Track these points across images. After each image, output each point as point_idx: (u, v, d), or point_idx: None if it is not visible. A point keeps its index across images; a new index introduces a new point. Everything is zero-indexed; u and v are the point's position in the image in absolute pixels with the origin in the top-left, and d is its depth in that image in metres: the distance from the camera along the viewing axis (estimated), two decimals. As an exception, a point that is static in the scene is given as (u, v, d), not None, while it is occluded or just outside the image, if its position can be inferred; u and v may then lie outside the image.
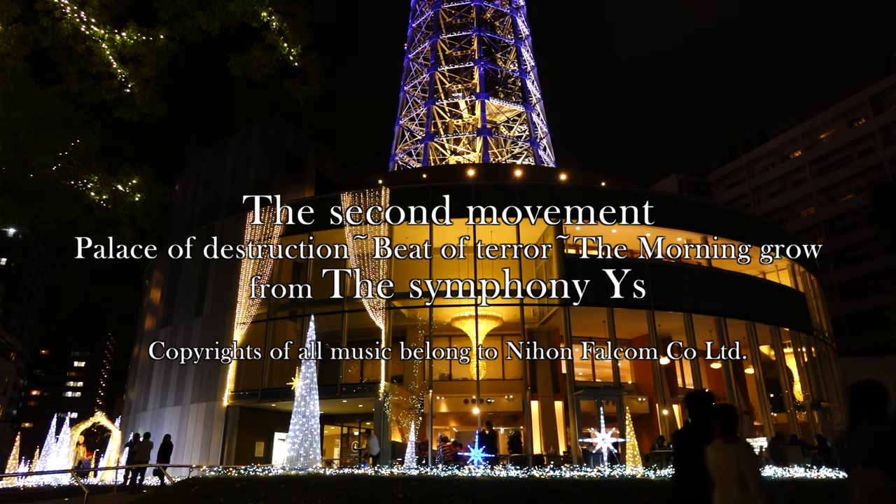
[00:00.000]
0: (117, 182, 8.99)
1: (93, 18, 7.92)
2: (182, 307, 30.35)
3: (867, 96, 60.23)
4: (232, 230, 28.56)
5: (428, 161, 48.16)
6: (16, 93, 7.81)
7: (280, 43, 8.31)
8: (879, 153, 58.32)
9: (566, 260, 25.40)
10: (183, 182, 37.67)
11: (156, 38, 8.24)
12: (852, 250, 59.60)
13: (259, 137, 33.16)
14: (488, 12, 52.77)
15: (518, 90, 51.00)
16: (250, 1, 8.00)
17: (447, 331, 27.54)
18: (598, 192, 29.26)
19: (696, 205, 33.35)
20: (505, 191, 27.23)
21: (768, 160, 70.03)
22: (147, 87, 8.44)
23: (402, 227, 26.05)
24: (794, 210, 65.62)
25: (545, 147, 50.65)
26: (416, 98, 51.95)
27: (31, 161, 8.33)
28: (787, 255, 31.26)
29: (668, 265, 29.76)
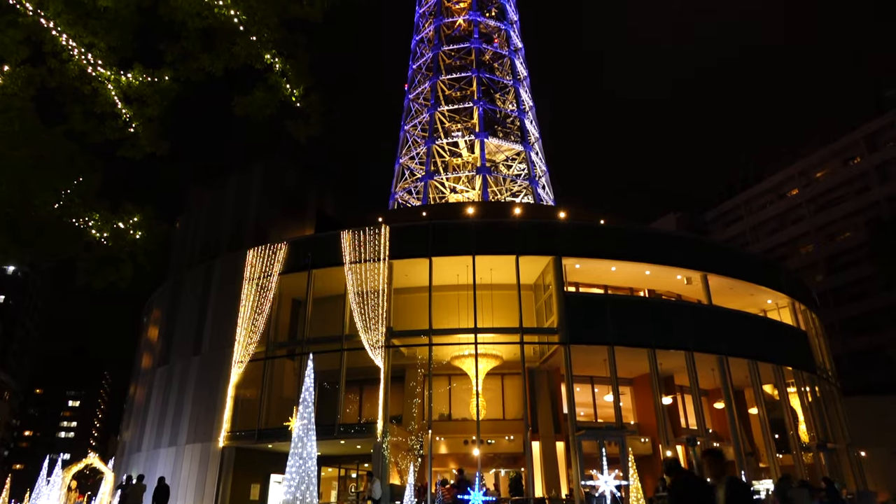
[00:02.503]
0: (118, 220, 9.02)
1: (100, 60, 8.07)
2: (179, 345, 30.10)
3: (861, 135, 61.09)
4: (231, 268, 28.54)
5: (428, 199, 48.49)
6: (21, 132, 7.90)
7: (283, 84, 8.45)
8: (876, 191, 58.83)
9: (566, 298, 25.32)
10: (183, 219, 37.84)
11: (160, 79, 8.38)
12: (852, 287, 59.53)
13: (260, 176, 33.45)
14: (487, 54, 53.87)
15: (517, 129, 51.69)
16: (254, 44, 8.17)
17: (447, 370, 27.27)
18: (597, 229, 29.39)
19: (694, 242, 33.45)
20: (504, 229, 27.34)
21: (765, 198, 70.57)
22: (151, 126, 8.55)
23: (401, 265, 26.04)
24: (794, 247, 65.81)
25: (544, 185, 51.07)
26: (416, 137, 52.62)
27: (33, 199, 8.37)
28: (787, 292, 31.21)
29: (668, 303, 29.71)
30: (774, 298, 31.63)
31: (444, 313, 25.90)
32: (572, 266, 26.86)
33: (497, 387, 28.16)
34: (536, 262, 26.57)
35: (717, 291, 28.04)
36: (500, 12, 56.14)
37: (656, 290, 30.95)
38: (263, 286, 26.78)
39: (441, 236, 26.37)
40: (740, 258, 33.61)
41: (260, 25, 8.10)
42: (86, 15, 7.80)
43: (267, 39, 8.20)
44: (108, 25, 7.89)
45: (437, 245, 25.97)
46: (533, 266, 26.71)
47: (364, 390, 28.24)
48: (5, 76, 7.69)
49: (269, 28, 8.16)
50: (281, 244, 27.49)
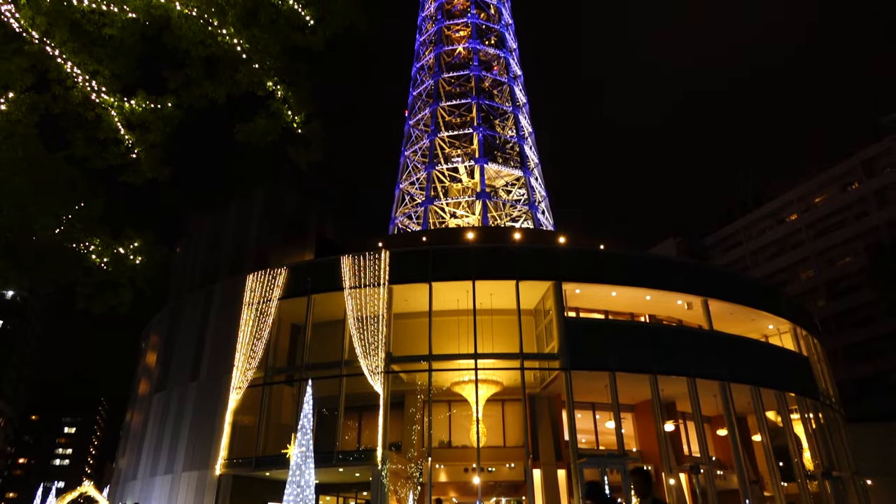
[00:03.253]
0: (119, 245, 9.03)
1: (103, 87, 8.16)
2: (177, 371, 29.89)
3: (859, 161, 61.50)
4: (231, 292, 28.48)
5: (428, 224, 48.62)
6: (23, 158, 7.95)
7: (284, 111, 8.53)
8: (874, 216, 59.01)
9: (566, 323, 25.22)
10: (184, 244, 37.88)
11: (163, 105, 8.46)
12: (854, 313, 59.32)
13: (260, 201, 33.57)
14: (487, 81, 54.51)
15: (516, 155, 52.06)
16: (256, 71, 8.27)
17: (447, 396, 27.03)
18: (597, 254, 29.39)
19: (694, 268, 33.43)
20: (504, 254, 27.35)
21: (765, 223, 70.75)
22: (153, 152, 8.61)
23: (401, 290, 25.99)
24: (794, 272, 65.77)
25: (543, 210, 51.26)
26: (416, 163, 52.96)
27: (33, 224, 8.39)
28: (789, 318, 31.09)
29: (669, 328, 29.59)
30: (776, 324, 31.51)
31: (443, 339, 25.77)
32: (572, 291, 26.80)
33: (497, 413, 27.88)
34: (536, 288, 26.51)
35: (717, 316, 27.94)
36: (500, 40, 56.95)
37: (657, 315, 30.84)
38: (263, 311, 26.69)
39: (441, 261, 26.36)
40: (741, 283, 33.54)
41: (262, 53, 8.21)
42: (91, 43, 7.91)
43: (269, 67, 8.31)
44: (112, 53, 8.00)
45: (437, 270, 25.95)
46: (533, 291, 26.66)
47: (363, 417, 27.95)
48: (10, 103, 7.77)
49: (271, 56, 8.27)
50: (281, 269, 27.48)
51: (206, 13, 7.88)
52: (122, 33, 7.86)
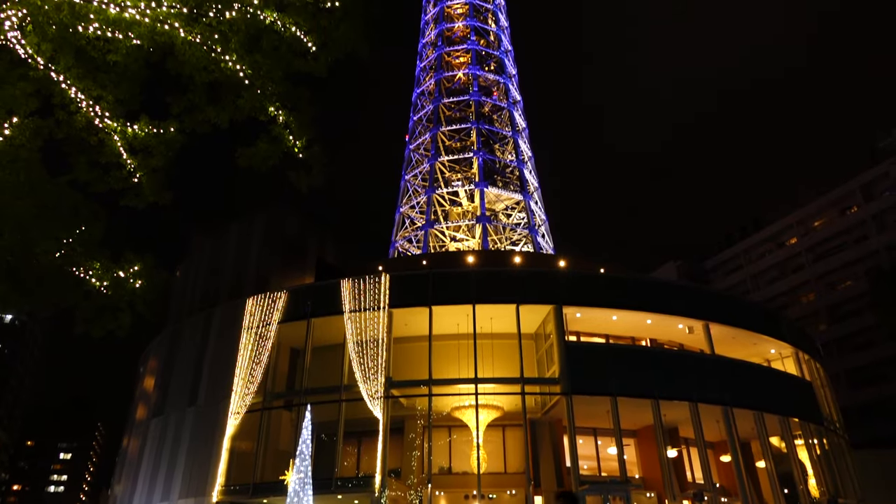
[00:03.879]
0: (119, 269, 9.02)
1: (107, 112, 8.24)
2: (175, 396, 29.64)
3: (857, 185, 61.76)
4: (230, 316, 28.38)
5: (428, 248, 48.67)
6: (26, 182, 7.98)
7: (286, 136, 8.61)
8: (874, 240, 59.05)
9: (567, 347, 25.08)
10: (184, 267, 37.87)
11: (166, 130, 8.54)
12: (855, 337, 59.02)
13: (261, 224, 33.66)
14: (486, 106, 55.05)
15: (516, 179, 52.34)
16: (259, 97, 8.36)
17: (447, 421, 26.76)
18: (597, 278, 29.37)
19: (695, 292, 33.37)
20: (505, 277, 27.33)
21: (764, 247, 70.80)
22: (154, 176, 8.66)
23: (401, 314, 25.91)
24: (795, 296, 65.62)
25: (543, 234, 51.35)
26: (416, 187, 53.21)
27: (34, 248, 8.39)
28: (790, 342, 30.93)
29: (670, 353, 29.43)
30: (778, 348, 31.35)
31: (443, 363, 25.61)
32: (573, 315, 26.71)
33: (498, 439, 27.57)
34: (537, 312, 26.43)
35: (719, 341, 27.80)
36: (499, 66, 57.66)
37: (658, 339, 30.70)
38: (262, 335, 26.57)
39: (441, 285, 26.33)
40: (742, 307, 33.43)
41: (265, 79, 8.31)
42: (95, 69, 8.00)
43: (271, 92, 8.40)
44: (116, 79, 8.09)
45: (438, 294, 25.90)
46: (533, 315, 26.57)
47: (362, 442, 27.64)
48: (14, 127, 7.83)
49: (273, 81, 8.36)
50: (280, 293, 27.42)
51: (209, 40, 7.99)
52: (126, 59, 7.96)
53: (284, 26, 8.22)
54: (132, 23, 7.65)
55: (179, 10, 7.76)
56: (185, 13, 7.80)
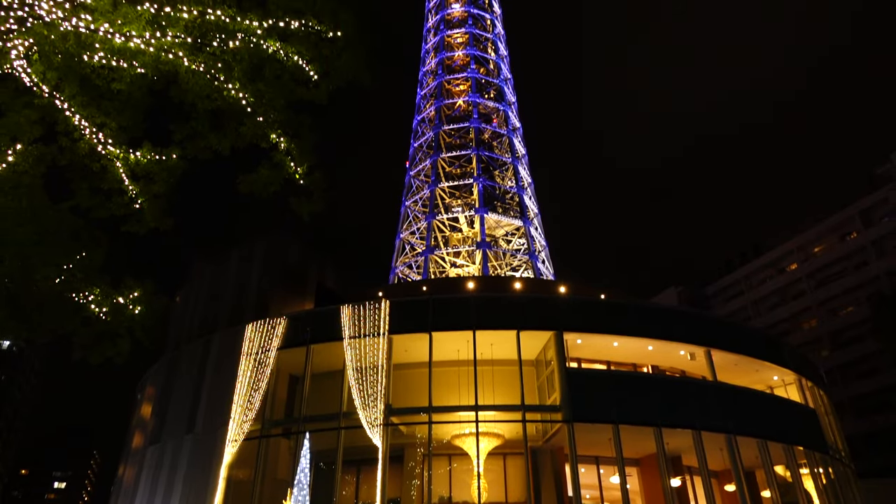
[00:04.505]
0: (118, 295, 9.02)
1: (110, 139, 8.31)
2: (173, 423, 29.32)
3: (856, 210, 62.01)
4: (229, 342, 28.23)
5: (428, 273, 48.64)
6: (28, 208, 8.02)
7: (287, 162, 8.68)
8: (874, 266, 59.05)
9: (568, 374, 24.89)
10: (183, 294, 37.80)
11: (168, 157, 8.61)
12: (859, 364, 58.62)
13: (261, 251, 33.69)
14: (486, 133, 55.56)
15: (516, 205, 52.57)
16: (261, 124, 8.45)
17: (447, 449, 26.42)
18: (598, 304, 29.29)
19: (696, 318, 33.24)
20: (505, 303, 27.23)
21: (765, 273, 70.78)
22: (156, 202, 8.70)
23: (401, 340, 25.77)
24: (796, 322, 65.37)
25: (544, 260, 51.37)
26: (416, 213, 53.42)
27: (34, 274, 8.39)
28: (793, 368, 30.70)
29: (672, 379, 29.19)
30: (780, 375, 31.10)
31: (444, 390, 25.39)
32: (574, 341, 26.57)
33: (499, 468, 27.19)
34: (537, 338, 26.30)
35: (721, 367, 27.61)
36: (499, 94, 58.36)
37: (660, 365, 30.49)
38: (261, 362, 26.41)
39: (441, 311, 26.23)
40: (743, 333, 33.25)
41: (267, 107, 8.41)
42: (99, 96, 8.11)
43: (273, 120, 8.50)
44: (120, 106, 8.19)
45: (438, 320, 25.79)
46: (534, 341, 26.43)
47: (361, 471, 27.25)
48: (17, 154, 7.89)
49: (275, 109, 8.46)
50: (280, 319, 27.32)
51: (212, 68, 8.10)
52: (130, 87, 8.06)
53: (287, 55, 8.34)
54: (137, 52, 7.77)
55: (184, 40, 7.88)
56: (190, 42, 7.92)
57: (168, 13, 7.70)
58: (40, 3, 7.09)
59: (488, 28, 62.55)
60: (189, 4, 7.74)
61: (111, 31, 7.51)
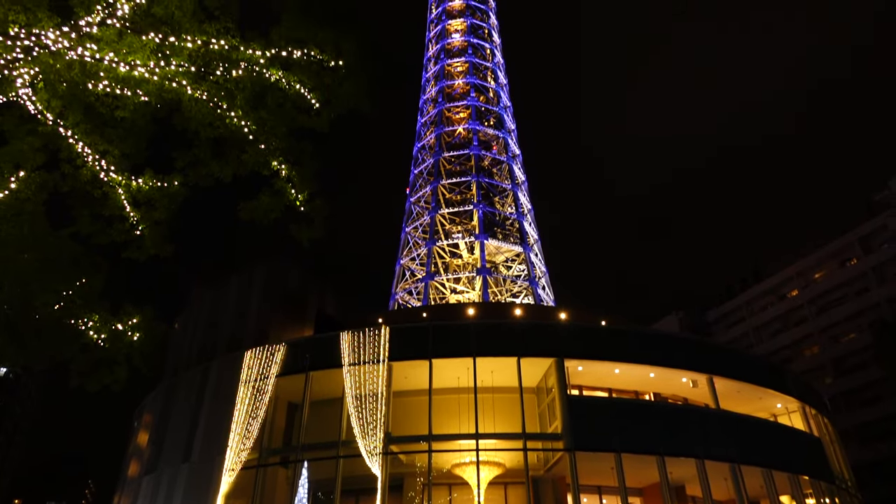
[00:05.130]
0: (117, 321, 8.98)
1: (112, 166, 8.37)
2: (169, 451, 28.94)
3: (856, 237, 62.08)
4: (228, 370, 28.03)
5: (428, 300, 48.53)
6: (29, 235, 8.04)
7: (288, 189, 8.72)
8: (875, 293, 58.90)
9: (569, 402, 24.64)
10: (182, 320, 37.64)
11: (170, 184, 8.66)
12: (863, 391, 58.09)
13: (262, 277, 33.64)
14: (486, 160, 55.97)
15: (516, 231, 52.71)
16: (262, 152, 8.52)
17: (447, 478, 26.03)
18: (598, 331, 29.13)
19: (698, 344, 33.05)
20: (505, 330, 27.11)
21: (766, 299, 70.57)
22: (157, 229, 8.72)
23: (401, 367, 25.58)
24: (798, 349, 64.96)
25: (544, 286, 51.30)
26: (417, 239, 53.53)
27: (34, 300, 8.37)
28: (797, 396, 30.42)
29: (675, 407, 28.92)
30: (784, 402, 30.80)
31: (444, 418, 25.12)
32: (575, 368, 26.38)
33: (500, 497, 26.75)
34: (538, 365, 26.11)
35: (724, 395, 27.35)
36: (499, 121, 58.96)
37: (662, 393, 30.22)
38: (260, 389, 26.18)
39: (441, 337, 26.10)
40: (746, 360, 33.02)
41: (269, 134, 8.49)
42: (103, 124, 8.18)
43: (275, 147, 8.57)
44: (123, 134, 8.26)
45: (438, 346, 25.64)
46: (535, 368, 26.23)
47: (360, 501, 26.79)
48: (20, 181, 7.94)
49: (277, 137, 8.54)
50: (279, 345, 27.16)
51: (216, 97, 8.19)
52: (133, 115, 8.15)
53: (289, 84, 8.44)
54: (141, 80, 7.87)
55: (187, 69, 7.98)
56: (193, 71, 8.03)
57: (172, 43, 7.81)
58: (47, 33, 7.20)
59: (488, 57, 63.46)
60: (193, 34, 7.86)
61: (116, 61, 7.61)
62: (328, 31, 8.19)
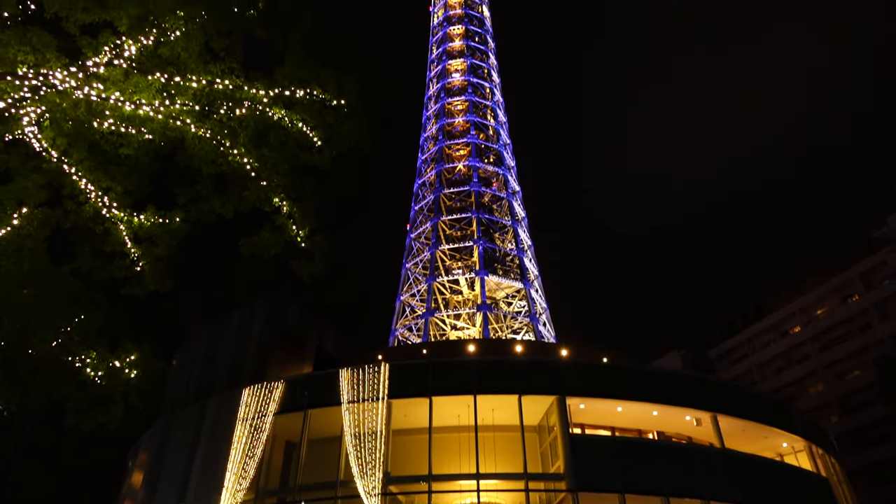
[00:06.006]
0: (115, 358, 8.91)
1: (115, 202, 8.42)
2: (164, 492, 28.35)
3: (856, 273, 61.99)
4: (225, 407, 27.66)
5: (428, 336, 48.23)
6: (29, 271, 8.04)
7: (289, 225, 8.76)
8: (878, 329, 58.53)
9: (572, 441, 24.25)
10: (180, 356, 37.34)
11: (171, 220, 8.69)
12: (870, 430, 57.15)
13: (262, 313, 33.51)
14: (486, 197, 56.37)
15: (516, 267, 52.70)
16: (264, 189, 8.59)
17: (447, 520, 25.45)
18: (600, 368, 28.88)
19: (701, 382, 32.67)
20: (506, 367, 26.87)
21: (768, 336, 70.08)
22: (157, 265, 8.73)
23: (400, 405, 25.26)
24: (803, 387, 64.21)
25: (545, 322, 51.04)
26: (417, 275, 53.50)
27: (32, 337, 8.32)
28: (803, 435, 29.93)
29: (679, 446, 28.45)
30: (790, 441, 30.29)
31: (444, 457, 24.68)
32: (577, 406, 26.04)
33: (501, 540, 26.10)
34: (540, 402, 25.78)
35: (729, 434, 26.92)
36: (499, 159, 59.60)
37: (665, 431, 29.75)
38: (257, 427, 25.79)
39: (442, 374, 25.84)
40: (750, 398, 32.63)
41: (271, 171, 8.57)
42: (107, 161, 8.27)
43: (276, 184, 8.64)
44: (126, 171, 8.35)
45: (438, 384, 25.37)
46: (536, 406, 25.89)
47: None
48: (22, 218, 7.98)
49: (279, 174, 8.62)
50: (278, 383, 26.88)
51: (219, 134, 8.30)
52: (137, 152, 8.24)
53: (292, 122, 8.57)
54: (146, 118, 7.98)
55: (192, 107, 8.11)
56: (198, 110, 8.16)
57: (178, 82, 7.95)
58: (55, 73, 7.34)
59: (487, 96, 64.52)
60: (198, 74, 8.01)
61: (122, 99, 7.74)
62: (331, 71, 8.35)
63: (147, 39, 7.70)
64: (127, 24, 7.54)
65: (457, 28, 68.43)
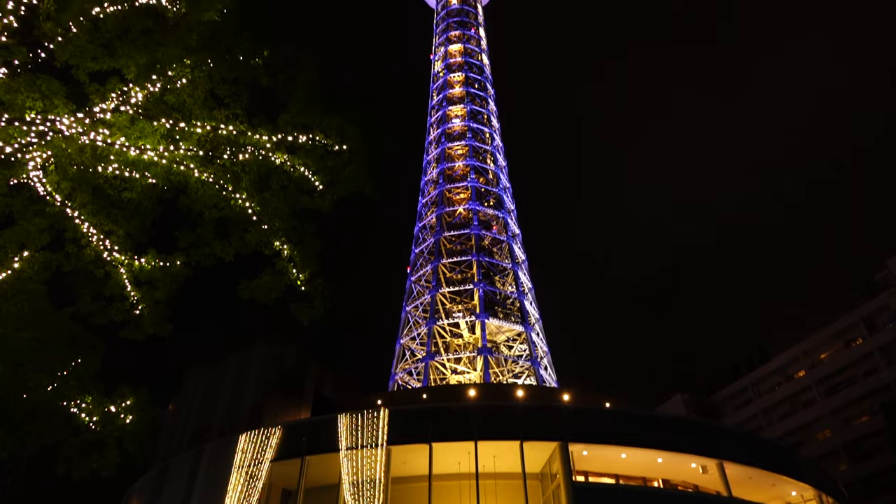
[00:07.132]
0: (111, 403, 8.78)
1: (116, 246, 8.45)
2: (156, 543, 27.54)
3: (860, 317, 61.61)
4: (222, 454, 27.11)
5: (428, 380, 47.64)
6: (29, 314, 8.00)
7: (289, 269, 8.76)
8: (884, 374, 57.80)
9: (575, 489, 23.65)
10: (177, 401, 36.82)
11: (172, 263, 8.70)
12: (880, 477, 55.80)
13: (260, 357, 33.22)
14: (486, 240, 56.57)
15: (517, 311, 52.45)
16: (266, 232, 8.62)
17: (448, 573, 24.63)
18: (603, 414, 28.43)
19: (707, 428, 32.10)
20: (507, 413, 26.45)
21: (773, 380, 69.19)
22: (157, 308, 8.69)
23: (400, 451, 24.75)
24: (810, 432, 63.01)
25: (546, 366, 50.49)
26: (417, 318, 53.23)
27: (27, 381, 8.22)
28: (812, 483, 29.21)
29: (685, 495, 27.75)
30: (799, 490, 29.54)
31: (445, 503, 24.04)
32: (580, 453, 25.50)
33: None
34: (542, 449, 25.27)
35: (735, 481, 26.28)
36: (498, 202, 60.07)
37: (671, 479, 29.05)
38: (253, 475, 25.22)
39: (442, 420, 25.41)
40: (757, 445, 31.95)
41: (272, 215, 8.62)
42: (110, 205, 8.34)
43: (278, 228, 8.68)
44: (129, 215, 8.40)
45: (438, 430, 24.92)
46: (538, 453, 25.37)
47: None
48: (24, 261, 7.99)
49: (280, 218, 8.68)
50: (275, 428, 26.41)
51: (221, 179, 8.39)
52: (140, 197, 8.32)
53: (294, 167, 8.67)
54: (150, 163, 8.09)
55: (196, 153, 8.23)
56: (201, 155, 8.27)
57: (182, 128, 8.09)
58: (62, 119, 7.46)
59: (487, 141, 65.48)
60: (203, 120, 8.15)
61: (127, 145, 7.85)
62: (333, 118, 8.50)
63: (154, 86, 7.87)
64: (135, 72, 7.71)
65: (457, 75, 69.99)
